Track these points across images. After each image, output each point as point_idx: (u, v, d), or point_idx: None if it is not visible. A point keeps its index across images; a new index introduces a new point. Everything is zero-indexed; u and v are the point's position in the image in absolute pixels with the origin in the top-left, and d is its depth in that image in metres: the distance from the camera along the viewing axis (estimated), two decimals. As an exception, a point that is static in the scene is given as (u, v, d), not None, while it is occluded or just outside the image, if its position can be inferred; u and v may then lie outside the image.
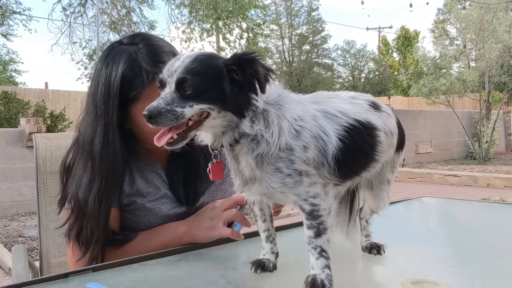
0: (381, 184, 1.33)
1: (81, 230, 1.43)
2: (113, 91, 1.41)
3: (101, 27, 15.06)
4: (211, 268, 1.26)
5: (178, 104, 0.99)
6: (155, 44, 1.49)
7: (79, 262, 1.45)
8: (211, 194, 1.61)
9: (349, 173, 1.15)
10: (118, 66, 1.42)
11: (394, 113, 1.32)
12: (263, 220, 1.23)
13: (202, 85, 1.00)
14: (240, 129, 1.03)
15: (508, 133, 17.56)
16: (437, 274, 1.17)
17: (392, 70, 34.27)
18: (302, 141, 1.04)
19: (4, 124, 10.22)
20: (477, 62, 14.64)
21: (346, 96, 1.21)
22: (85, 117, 1.48)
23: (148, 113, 0.98)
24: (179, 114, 0.99)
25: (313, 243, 1.06)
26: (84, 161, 1.44)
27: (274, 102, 1.07)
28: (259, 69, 1.01)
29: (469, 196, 8.53)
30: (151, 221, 1.52)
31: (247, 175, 1.08)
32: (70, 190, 1.47)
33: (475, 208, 2.42)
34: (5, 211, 7.35)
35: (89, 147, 1.43)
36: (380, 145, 1.18)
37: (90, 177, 1.41)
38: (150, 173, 1.56)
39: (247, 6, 17.64)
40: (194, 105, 1.00)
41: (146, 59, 1.44)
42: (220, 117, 1.03)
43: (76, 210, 1.44)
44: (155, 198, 1.53)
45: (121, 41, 1.53)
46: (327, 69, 29.93)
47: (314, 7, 28.22)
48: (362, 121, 1.14)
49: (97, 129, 1.42)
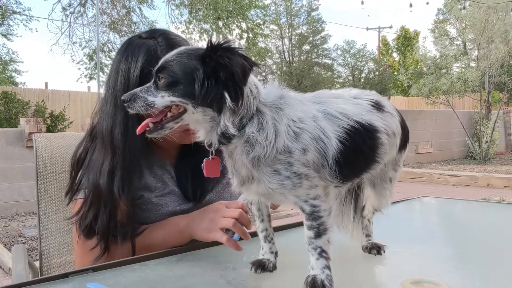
0: (383, 182, 1.32)
1: (95, 219, 1.42)
2: (133, 81, 1.43)
3: (101, 27, 15.04)
4: (211, 268, 1.26)
5: (152, 93, 1.04)
6: (173, 38, 1.52)
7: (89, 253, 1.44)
8: (218, 193, 1.62)
9: (350, 175, 1.14)
10: (137, 58, 1.45)
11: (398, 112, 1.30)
12: (261, 220, 1.23)
13: (174, 78, 1.03)
14: (221, 127, 1.02)
15: (508, 133, 17.55)
16: (437, 274, 1.17)
17: (392, 70, 34.26)
18: (301, 144, 1.02)
19: (4, 124, 10.22)
20: (479, 62, 14.62)
21: (348, 95, 1.18)
22: (103, 108, 1.50)
23: (123, 97, 1.08)
24: (149, 103, 1.04)
25: (313, 244, 1.06)
26: (104, 150, 1.45)
27: (271, 103, 1.05)
28: (236, 59, 0.99)
29: (469, 196, 8.53)
30: (157, 216, 1.52)
31: (244, 174, 1.07)
32: (85, 180, 1.47)
33: (475, 208, 2.42)
34: (5, 211, 7.34)
35: (109, 137, 1.44)
36: (382, 147, 1.17)
37: (111, 166, 1.42)
38: (159, 168, 1.57)
39: (247, 6, 17.62)
40: (165, 96, 1.03)
41: (165, 52, 1.45)
42: (199, 112, 1.02)
43: (91, 198, 1.44)
44: (162, 194, 1.54)
45: (139, 35, 1.55)
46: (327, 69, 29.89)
47: (314, 7, 28.19)
48: (363, 123, 1.12)
49: (117, 119, 1.44)
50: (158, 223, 1.52)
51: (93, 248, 1.43)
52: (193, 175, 1.59)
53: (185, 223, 1.46)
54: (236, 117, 1.02)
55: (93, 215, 1.43)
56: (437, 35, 17.86)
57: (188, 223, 1.46)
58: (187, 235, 1.46)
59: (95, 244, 1.43)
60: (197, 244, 1.45)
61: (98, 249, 1.43)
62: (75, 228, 1.48)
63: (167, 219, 1.52)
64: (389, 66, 34.80)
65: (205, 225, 1.41)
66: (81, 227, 1.44)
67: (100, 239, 1.43)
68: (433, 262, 1.31)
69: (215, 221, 1.37)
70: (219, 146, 1.06)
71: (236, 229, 1.33)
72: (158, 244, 1.46)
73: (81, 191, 1.49)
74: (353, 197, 1.38)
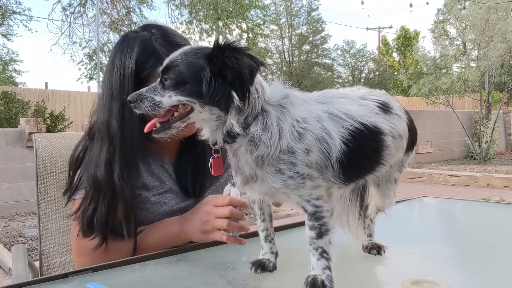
0: (388, 183, 1.31)
1: (95, 211, 1.41)
2: (128, 72, 1.44)
3: (101, 27, 15.04)
4: (211, 268, 1.26)
5: (158, 93, 1.03)
6: (167, 30, 1.55)
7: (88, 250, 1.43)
8: (216, 191, 1.61)
9: (354, 176, 1.13)
10: (132, 49, 1.46)
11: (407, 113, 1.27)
12: (262, 220, 1.22)
13: (181, 77, 1.02)
14: (227, 126, 1.02)
15: (508, 133, 17.55)
16: (437, 274, 1.17)
17: (392, 70, 34.27)
18: (304, 144, 1.02)
19: (4, 124, 10.22)
20: (479, 62, 14.62)
21: (355, 95, 1.16)
22: (100, 102, 1.50)
23: (129, 98, 1.06)
24: (156, 103, 1.03)
25: (314, 244, 1.05)
26: (101, 142, 1.45)
27: (276, 103, 1.05)
28: (243, 59, 0.99)
29: (469, 196, 8.53)
30: (154, 215, 1.52)
31: (247, 173, 1.07)
32: (86, 174, 1.46)
33: (475, 208, 2.42)
34: (5, 211, 7.34)
35: (106, 127, 1.44)
36: (387, 149, 1.15)
37: (108, 156, 1.42)
38: (157, 167, 1.57)
39: (247, 6, 17.62)
40: (172, 96, 1.02)
41: (159, 40, 1.48)
42: (206, 111, 1.02)
43: (91, 192, 1.43)
44: (160, 192, 1.54)
45: (135, 30, 1.56)
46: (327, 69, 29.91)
47: (314, 7, 28.22)
48: (368, 125, 1.10)
49: (113, 109, 1.44)
50: (152, 226, 1.51)
51: (91, 239, 1.42)
52: (193, 171, 1.59)
53: (177, 229, 1.46)
54: (241, 116, 1.02)
55: (93, 209, 1.42)
56: (437, 35, 17.88)
57: (181, 229, 1.45)
58: (183, 238, 1.46)
59: (93, 236, 1.42)
60: (197, 244, 1.45)
61: (96, 240, 1.42)
62: (74, 225, 1.47)
63: (161, 221, 1.51)
64: (389, 66, 34.82)
65: (199, 228, 1.40)
66: (81, 222, 1.43)
67: (99, 230, 1.41)
68: (433, 262, 1.31)
69: (209, 223, 1.36)
70: (223, 145, 1.06)
71: (232, 228, 1.32)
72: (153, 247, 1.45)
73: (80, 190, 1.48)
74: (358, 197, 1.38)
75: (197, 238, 1.42)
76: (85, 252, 1.45)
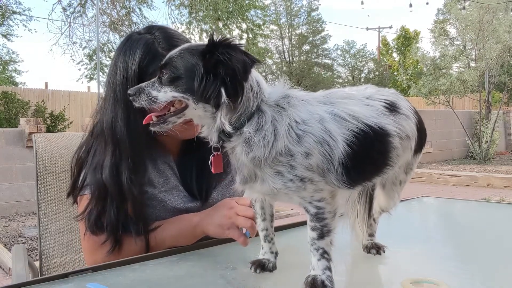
0: (393, 184, 1.28)
1: (102, 214, 1.42)
2: (131, 75, 1.45)
3: (101, 27, 15.01)
4: (211, 268, 1.26)
5: (156, 88, 1.06)
6: (170, 32, 1.55)
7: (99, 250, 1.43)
8: (221, 192, 1.61)
9: (359, 179, 1.10)
10: (135, 52, 1.46)
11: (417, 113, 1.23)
12: (262, 219, 1.22)
13: (176, 73, 1.04)
14: (217, 123, 1.02)
15: (508, 133, 17.55)
16: (437, 274, 1.17)
17: (392, 70, 34.26)
18: (303, 147, 0.99)
19: (4, 124, 10.23)
20: (477, 62, 14.63)
21: (362, 95, 1.13)
22: (103, 105, 1.51)
23: (129, 91, 1.11)
24: (152, 97, 1.06)
25: (315, 245, 1.05)
26: (105, 146, 1.45)
27: (274, 103, 1.03)
28: (237, 55, 0.98)
29: (469, 196, 8.53)
30: (161, 213, 1.52)
31: (246, 173, 1.06)
32: (89, 176, 1.46)
33: (475, 208, 2.42)
34: (5, 211, 7.34)
35: (111, 131, 1.44)
36: (394, 151, 1.12)
37: (114, 159, 1.42)
38: (162, 163, 1.57)
39: (247, 6, 17.61)
40: (168, 91, 1.04)
41: (162, 44, 1.48)
42: (200, 108, 1.03)
43: (96, 195, 1.43)
44: (166, 189, 1.53)
45: (138, 31, 1.56)
46: (327, 69, 29.88)
47: (314, 7, 28.20)
48: (374, 127, 1.06)
49: (117, 112, 1.45)
50: (170, 219, 1.50)
51: (103, 243, 1.43)
52: (197, 171, 1.59)
53: (198, 219, 1.45)
54: (234, 114, 1.01)
55: (99, 211, 1.42)
56: (436, 35, 17.88)
57: (202, 219, 1.44)
58: (200, 231, 1.45)
59: (104, 240, 1.43)
60: (197, 244, 1.45)
61: (108, 244, 1.42)
62: (81, 225, 1.48)
63: (180, 215, 1.51)
64: (389, 66, 34.81)
65: (219, 221, 1.39)
66: (88, 223, 1.44)
67: (110, 234, 1.42)
68: (433, 262, 1.31)
69: (232, 219, 1.36)
70: (218, 143, 1.06)
71: (252, 230, 1.32)
72: (169, 241, 1.45)
73: (85, 188, 1.48)
74: (367, 199, 1.35)
75: (213, 231, 1.41)
76: (96, 249, 1.45)
